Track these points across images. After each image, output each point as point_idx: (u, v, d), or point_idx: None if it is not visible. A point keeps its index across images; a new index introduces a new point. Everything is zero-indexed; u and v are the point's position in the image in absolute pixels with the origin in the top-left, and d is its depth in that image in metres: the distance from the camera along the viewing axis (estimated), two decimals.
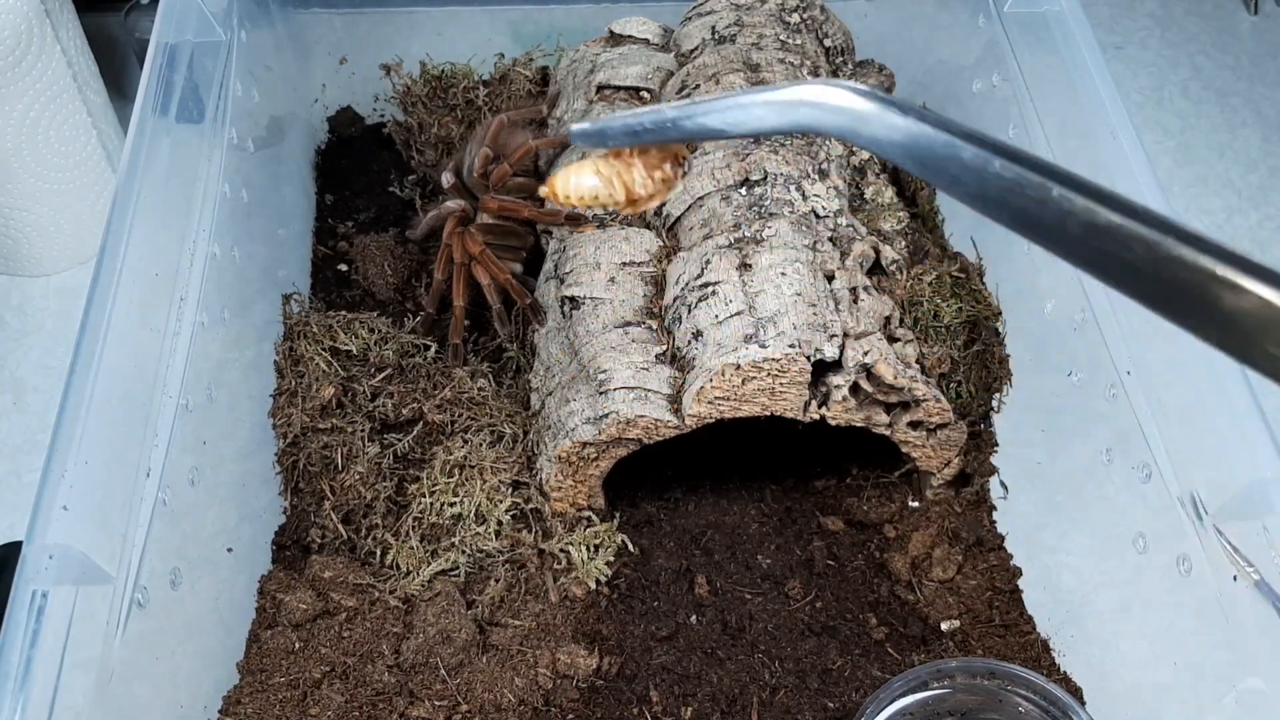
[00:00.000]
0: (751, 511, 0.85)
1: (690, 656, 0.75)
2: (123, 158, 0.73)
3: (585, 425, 0.76)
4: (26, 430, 0.97)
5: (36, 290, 1.06)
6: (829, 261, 0.79)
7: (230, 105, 0.85)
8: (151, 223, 0.71)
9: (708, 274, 0.77)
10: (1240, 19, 1.34)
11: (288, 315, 0.91)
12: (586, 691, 0.73)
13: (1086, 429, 0.77)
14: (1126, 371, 0.72)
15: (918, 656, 0.76)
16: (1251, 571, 0.60)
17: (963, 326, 0.87)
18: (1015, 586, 0.81)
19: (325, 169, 1.09)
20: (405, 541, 0.79)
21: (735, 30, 0.92)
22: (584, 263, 0.82)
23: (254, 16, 0.93)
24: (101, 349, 0.64)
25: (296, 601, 0.75)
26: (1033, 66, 0.86)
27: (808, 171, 0.83)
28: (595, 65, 0.95)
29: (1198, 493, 0.64)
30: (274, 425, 0.85)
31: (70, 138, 0.99)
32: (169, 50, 0.81)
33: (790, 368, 0.73)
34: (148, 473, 0.65)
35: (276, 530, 0.83)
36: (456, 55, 1.07)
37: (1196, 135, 1.23)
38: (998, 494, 0.85)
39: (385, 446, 0.83)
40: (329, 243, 1.03)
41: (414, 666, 0.73)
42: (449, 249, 0.89)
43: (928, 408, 0.77)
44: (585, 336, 0.79)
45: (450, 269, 0.89)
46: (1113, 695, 0.73)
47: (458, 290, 0.88)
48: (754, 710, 0.73)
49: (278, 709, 0.71)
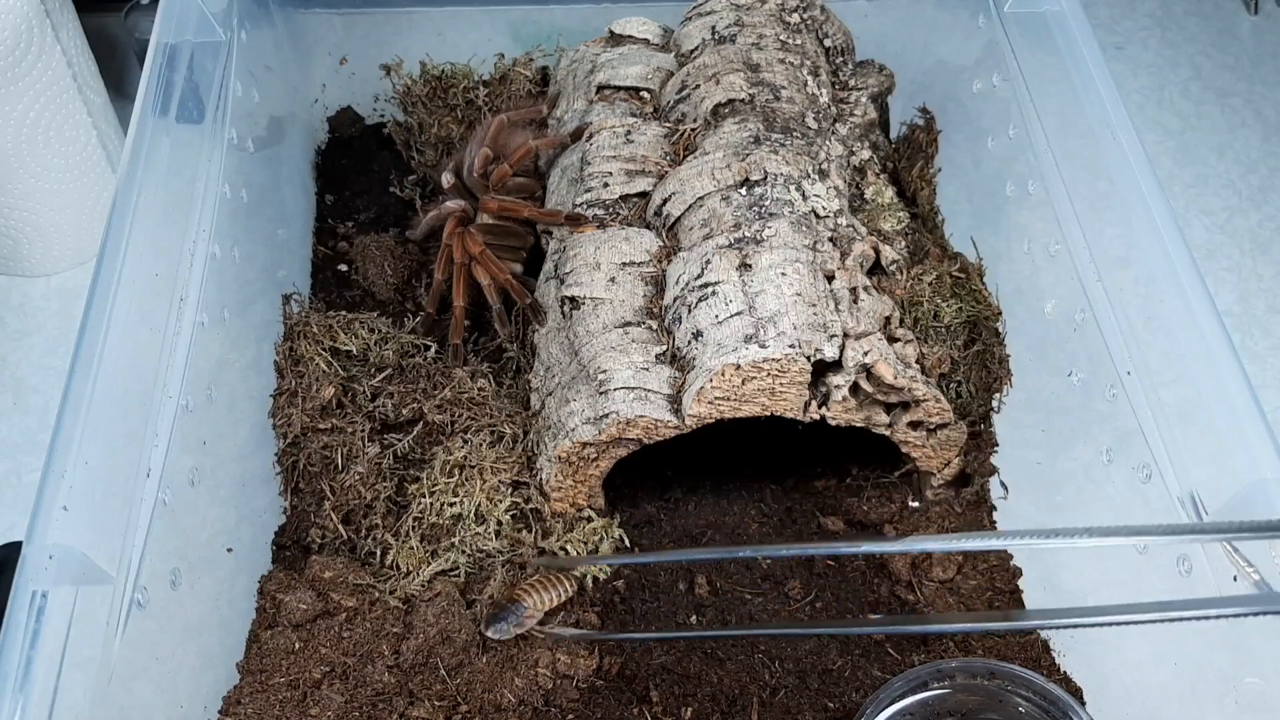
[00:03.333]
0: (751, 511, 0.85)
1: (690, 656, 0.75)
2: (123, 158, 0.73)
3: (585, 425, 0.76)
4: (26, 430, 0.97)
5: (36, 290, 1.06)
6: (829, 261, 0.79)
7: (230, 105, 0.85)
8: (151, 223, 0.71)
9: (708, 274, 0.77)
10: (1240, 19, 1.34)
11: (288, 315, 0.91)
12: (586, 691, 0.73)
13: (1086, 429, 0.77)
14: (1126, 371, 0.72)
15: (918, 656, 0.76)
16: (1251, 571, 0.60)
17: (963, 326, 0.87)
18: (1015, 586, 0.81)
19: (325, 169, 1.09)
20: (405, 541, 0.79)
21: (735, 30, 0.92)
22: (584, 263, 0.82)
23: (254, 16, 0.93)
24: (101, 349, 0.64)
25: (296, 601, 0.75)
26: (1033, 66, 0.86)
27: (808, 171, 0.83)
28: (595, 65, 0.95)
29: (1198, 493, 0.64)
30: (274, 425, 0.85)
31: (70, 138, 0.99)
32: (169, 50, 0.81)
33: (790, 368, 0.73)
34: (148, 473, 0.65)
35: (276, 530, 0.83)
36: (456, 55, 1.07)
37: (1196, 135, 1.23)
38: (998, 494, 0.85)
39: (385, 446, 0.83)
40: (329, 243, 1.03)
41: (414, 667, 0.73)
42: (449, 249, 0.89)
43: (928, 408, 0.77)
44: (585, 336, 0.79)
45: (450, 269, 0.89)
46: (1113, 695, 0.73)
47: (458, 291, 0.88)
48: (754, 710, 0.73)
49: (278, 709, 0.71)
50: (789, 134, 0.85)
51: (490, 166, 0.91)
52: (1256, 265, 1.12)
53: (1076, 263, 0.78)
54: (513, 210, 0.89)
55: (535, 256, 0.93)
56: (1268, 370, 1.03)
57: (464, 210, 0.91)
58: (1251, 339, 1.06)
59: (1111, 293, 0.74)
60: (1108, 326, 0.74)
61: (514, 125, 0.94)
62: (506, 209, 0.89)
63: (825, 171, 0.85)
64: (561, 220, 0.85)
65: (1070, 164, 0.80)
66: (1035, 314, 0.84)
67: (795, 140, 0.85)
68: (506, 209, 0.89)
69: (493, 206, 0.89)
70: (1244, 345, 1.05)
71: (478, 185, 0.92)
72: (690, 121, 0.88)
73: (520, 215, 0.89)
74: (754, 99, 0.87)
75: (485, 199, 0.90)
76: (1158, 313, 0.70)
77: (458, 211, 0.91)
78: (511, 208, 0.89)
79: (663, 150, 0.87)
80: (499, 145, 0.93)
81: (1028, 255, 0.85)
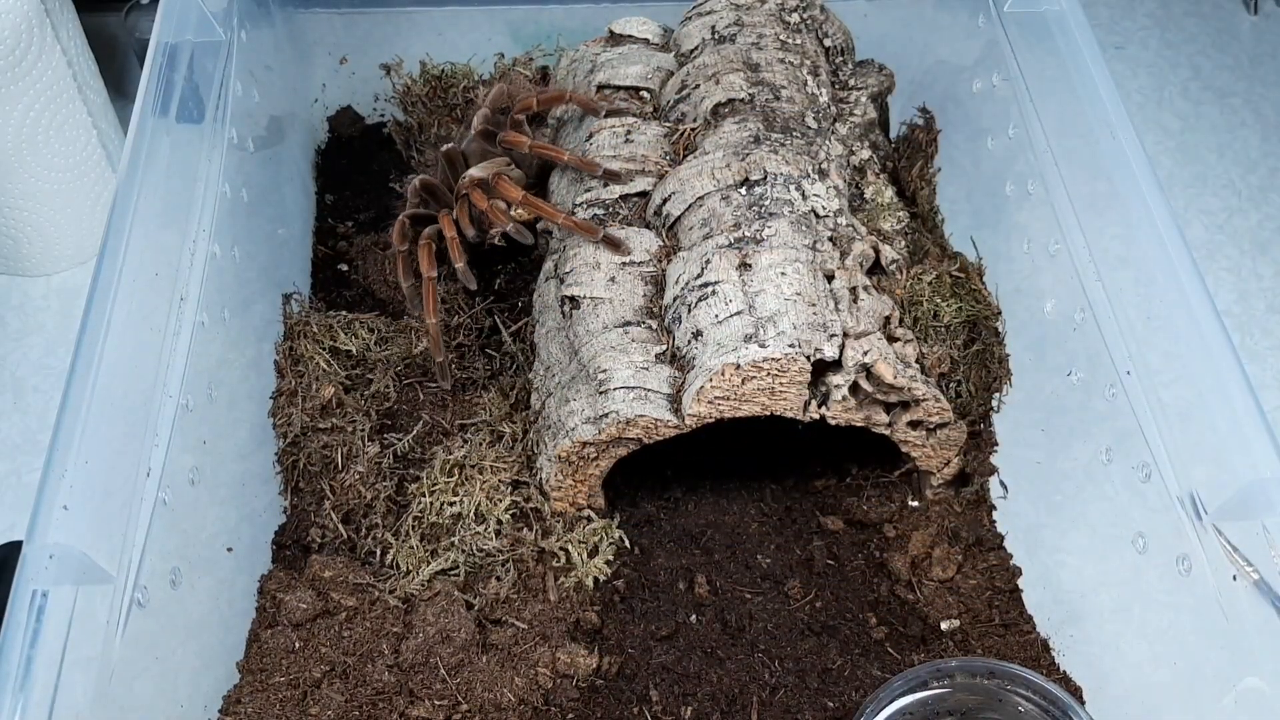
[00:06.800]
0: (751, 511, 0.85)
1: (690, 656, 0.75)
2: (123, 158, 0.73)
3: (585, 425, 0.76)
4: (26, 430, 0.97)
5: (36, 290, 1.06)
6: (829, 261, 0.79)
7: (230, 105, 0.85)
8: (151, 223, 0.71)
9: (708, 274, 0.77)
10: (1240, 19, 1.34)
11: (288, 315, 0.91)
12: (586, 691, 0.73)
13: (1086, 429, 0.77)
14: (1126, 371, 0.72)
15: (917, 656, 0.76)
16: (1251, 571, 0.60)
17: (963, 326, 0.87)
18: (1015, 586, 0.81)
19: (325, 169, 1.09)
20: (405, 541, 0.79)
21: (735, 30, 0.92)
22: (584, 262, 0.82)
23: (254, 16, 0.93)
24: (101, 349, 0.64)
25: (296, 601, 0.75)
26: (1033, 66, 0.86)
27: (808, 171, 0.83)
28: (595, 65, 0.95)
29: (1197, 493, 0.64)
30: (274, 425, 0.85)
31: (70, 138, 0.99)
32: (169, 50, 0.81)
33: (790, 367, 0.73)
34: (148, 473, 0.65)
35: (276, 530, 0.83)
36: (456, 55, 1.07)
37: (1196, 135, 1.23)
38: (998, 494, 0.85)
39: (385, 446, 0.84)
40: (329, 243, 1.03)
41: (414, 666, 0.73)
42: (404, 224, 0.88)
43: (927, 407, 0.77)
44: (585, 336, 0.79)
45: (410, 238, 0.87)
46: (1113, 695, 0.73)
47: (429, 301, 0.85)
48: (754, 710, 0.73)
49: (278, 708, 0.71)
50: (789, 134, 0.85)
51: (499, 116, 0.89)
52: (1256, 265, 1.12)
53: (1076, 262, 0.78)
54: (552, 154, 0.86)
55: (534, 262, 0.93)
56: (1268, 370, 1.03)
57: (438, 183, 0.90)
58: (1251, 339, 1.06)
59: (1111, 292, 0.74)
60: (1107, 326, 0.74)
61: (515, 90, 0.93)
62: (543, 150, 0.86)
63: (825, 171, 0.85)
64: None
65: (1070, 164, 0.80)
66: (1035, 313, 0.84)
67: (795, 140, 0.85)
68: (543, 150, 0.86)
69: (522, 141, 0.86)
70: (1244, 345, 1.05)
71: (484, 146, 0.90)
72: (690, 121, 0.88)
73: (560, 159, 0.86)
74: (754, 99, 0.87)
75: (517, 136, 0.87)
76: (1158, 312, 0.70)
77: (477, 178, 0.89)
78: (550, 150, 0.86)
79: (662, 150, 0.87)
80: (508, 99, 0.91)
81: (1027, 255, 0.86)
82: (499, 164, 0.90)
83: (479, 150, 0.91)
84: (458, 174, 0.90)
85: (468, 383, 0.88)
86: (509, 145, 0.88)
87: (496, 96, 0.92)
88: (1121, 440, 0.73)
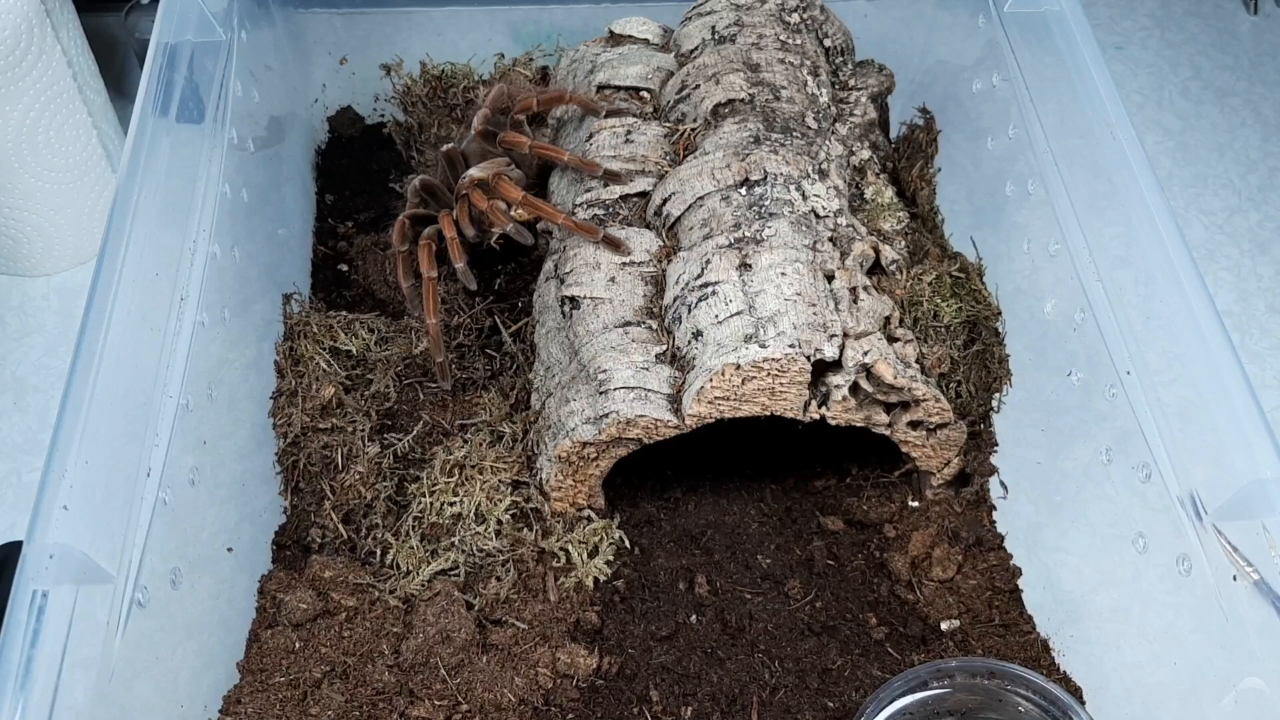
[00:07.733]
0: (751, 511, 0.85)
1: (690, 656, 0.75)
2: (123, 158, 0.73)
3: (585, 425, 0.76)
4: (26, 430, 0.97)
5: (36, 290, 1.06)
6: (829, 261, 0.79)
7: (230, 105, 0.85)
8: (151, 223, 0.71)
9: (708, 274, 0.77)
10: (1240, 19, 1.34)
11: (288, 315, 0.91)
12: (586, 691, 0.73)
13: (1086, 429, 0.77)
14: (1126, 371, 0.72)
15: (917, 656, 0.76)
16: (1251, 571, 0.60)
17: (963, 326, 0.87)
18: (1015, 586, 0.81)
19: (325, 169, 1.09)
20: (405, 541, 0.79)
21: (735, 30, 0.92)
22: (584, 263, 0.82)
23: (254, 16, 0.93)
24: (101, 349, 0.64)
25: (296, 601, 0.75)
26: (1033, 66, 0.86)
27: (808, 171, 0.83)
28: (595, 65, 0.95)
29: (1197, 493, 0.64)
30: (274, 425, 0.85)
31: (70, 138, 0.99)
32: (169, 50, 0.81)
33: (790, 368, 0.73)
34: (148, 473, 0.65)
35: (276, 530, 0.83)
36: (456, 55, 1.07)
37: (1196, 135, 1.23)
38: (997, 494, 0.85)
39: (385, 446, 0.84)
40: (329, 243, 1.03)
41: (414, 666, 0.73)
42: (404, 224, 0.88)
43: (927, 407, 0.77)
44: (585, 336, 0.79)
45: (409, 239, 0.87)
46: (1113, 695, 0.73)
47: (429, 302, 0.85)
48: (754, 710, 0.73)
49: (278, 709, 0.71)
50: (789, 134, 0.85)
51: (500, 117, 0.89)
52: (1256, 265, 1.12)
53: (1076, 262, 0.78)
54: (553, 154, 0.86)
55: (534, 262, 0.93)
56: (1267, 370, 1.03)
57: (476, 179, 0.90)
58: (1251, 339, 1.06)
59: (1111, 293, 0.74)
60: (1107, 326, 0.74)
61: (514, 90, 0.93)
62: (544, 151, 0.86)
63: (825, 171, 0.85)
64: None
65: (1070, 164, 0.80)
66: (1035, 314, 0.84)
67: (795, 140, 0.85)
68: (544, 151, 0.86)
69: (522, 141, 0.86)
70: (1244, 345, 1.05)
71: (484, 147, 0.90)
72: (690, 121, 0.88)
73: (560, 160, 0.87)
74: (754, 99, 0.87)
75: (517, 136, 0.87)
76: (1158, 313, 0.70)
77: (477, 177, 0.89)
78: (550, 150, 0.86)
79: (663, 150, 0.87)
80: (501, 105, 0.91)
81: (1027, 255, 0.86)
82: (499, 164, 0.90)
83: (479, 150, 0.91)
84: (458, 174, 0.90)
85: (468, 383, 0.88)
86: (509, 145, 0.88)
87: (496, 97, 0.92)
88: (1121, 440, 0.73)
